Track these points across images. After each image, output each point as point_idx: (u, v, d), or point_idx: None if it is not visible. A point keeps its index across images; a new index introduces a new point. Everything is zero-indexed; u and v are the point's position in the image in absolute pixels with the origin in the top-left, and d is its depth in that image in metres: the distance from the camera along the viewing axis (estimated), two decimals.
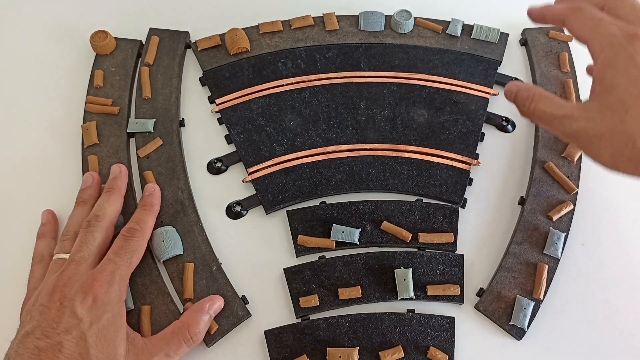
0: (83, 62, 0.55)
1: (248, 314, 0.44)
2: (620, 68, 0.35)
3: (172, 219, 0.47)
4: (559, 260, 0.46)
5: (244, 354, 0.43)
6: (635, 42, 0.35)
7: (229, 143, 0.51)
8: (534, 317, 0.44)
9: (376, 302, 0.44)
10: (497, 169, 0.51)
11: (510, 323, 0.43)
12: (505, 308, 0.44)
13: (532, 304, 0.43)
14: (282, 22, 0.56)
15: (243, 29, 0.56)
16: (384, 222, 0.47)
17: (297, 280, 0.45)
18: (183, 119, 0.52)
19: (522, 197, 0.49)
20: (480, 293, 0.45)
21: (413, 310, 0.44)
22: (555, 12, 0.40)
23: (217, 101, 0.52)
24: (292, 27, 0.56)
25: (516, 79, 0.55)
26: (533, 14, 0.43)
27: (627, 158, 0.34)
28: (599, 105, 0.35)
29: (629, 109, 0.34)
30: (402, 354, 0.42)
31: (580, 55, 0.56)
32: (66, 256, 0.42)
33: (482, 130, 0.52)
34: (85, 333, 0.37)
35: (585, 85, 0.54)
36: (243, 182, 0.49)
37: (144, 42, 0.55)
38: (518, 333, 0.43)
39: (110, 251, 0.42)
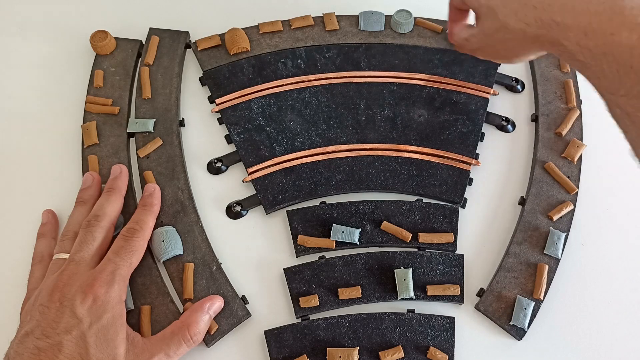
0: (83, 62, 0.55)
1: (248, 314, 0.44)
2: None
3: (172, 219, 0.47)
4: (559, 260, 0.46)
5: (244, 354, 0.43)
6: None
7: (229, 143, 0.51)
8: (534, 317, 0.44)
9: (376, 302, 0.44)
10: (497, 169, 0.51)
11: (511, 323, 0.43)
12: (506, 308, 0.44)
13: (533, 304, 0.43)
14: (282, 22, 0.56)
15: (243, 29, 0.56)
16: (384, 222, 0.46)
17: (297, 280, 0.45)
18: (183, 119, 0.52)
19: (522, 197, 0.49)
20: (481, 293, 0.45)
21: (413, 310, 0.44)
22: None
23: (217, 101, 0.52)
24: (292, 27, 0.56)
25: (516, 79, 0.55)
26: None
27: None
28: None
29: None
30: (402, 354, 0.42)
31: None
32: (66, 256, 0.42)
33: (482, 130, 0.52)
34: (85, 333, 0.37)
35: (585, 85, 0.54)
36: (243, 182, 0.49)
37: (144, 42, 0.55)
38: (518, 333, 0.43)
39: (110, 251, 0.42)
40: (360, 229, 0.46)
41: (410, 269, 0.44)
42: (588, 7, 0.34)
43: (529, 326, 0.43)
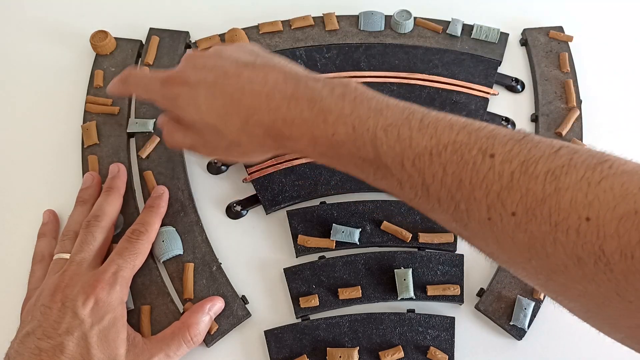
0: (83, 62, 0.55)
1: (248, 314, 0.44)
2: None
3: (172, 219, 0.47)
4: None
5: (244, 354, 0.43)
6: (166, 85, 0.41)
7: None
8: (534, 317, 0.44)
9: (376, 302, 0.44)
10: None
11: (511, 323, 0.43)
12: (506, 308, 0.44)
13: (533, 304, 0.43)
14: (282, 22, 0.56)
15: (243, 29, 0.55)
16: (384, 222, 0.46)
17: (297, 280, 0.45)
18: None
19: None
20: (481, 293, 0.45)
21: (413, 310, 0.44)
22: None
23: None
24: (292, 27, 0.56)
25: (516, 79, 0.55)
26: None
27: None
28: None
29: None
30: (402, 354, 0.42)
31: (581, 55, 0.56)
32: (67, 256, 0.42)
33: None
34: (87, 334, 0.37)
35: (585, 85, 0.54)
36: (243, 182, 0.49)
37: (144, 42, 0.55)
38: (518, 333, 0.43)
39: (114, 252, 0.42)
40: (360, 229, 0.46)
41: (410, 269, 0.44)
42: (302, 115, 0.35)
43: (529, 326, 0.43)
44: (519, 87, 0.55)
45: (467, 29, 0.56)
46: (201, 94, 0.38)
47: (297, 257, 0.46)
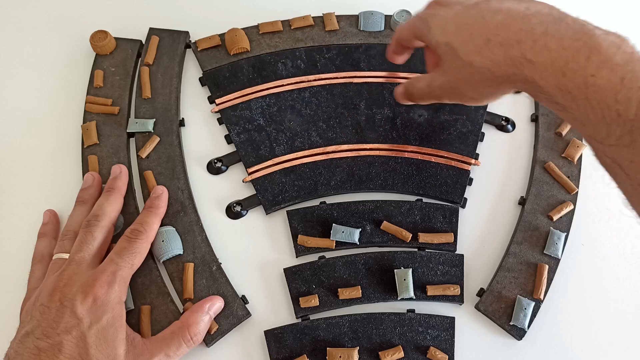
0: (83, 62, 0.55)
1: (248, 314, 0.44)
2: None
3: (172, 219, 0.47)
4: (559, 260, 0.46)
5: (244, 354, 0.43)
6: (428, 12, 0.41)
7: (229, 143, 0.51)
8: (534, 317, 0.44)
9: (376, 302, 0.44)
10: (497, 169, 0.51)
11: (511, 323, 0.43)
12: (506, 308, 0.44)
13: (533, 304, 0.43)
14: (282, 22, 0.56)
15: (243, 29, 0.56)
16: (384, 222, 0.46)
17: (297, 280, 0.45)
18: (183, 119, 0.52)
19: (522, 197, 0.49)
20: (481, 293, 0.45)
21: (413, 310, 0.44)
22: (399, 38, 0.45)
23: (217, 101, 0.52)
24: (292, 27, 0.56)
25: None
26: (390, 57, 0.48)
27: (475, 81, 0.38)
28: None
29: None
30: (402, 354, 0.42)
31: None
32: (66, 256, 0.42)
33: (482, 130, 0.52)
34: (85, 333, 0.37)
35: None
36: (243, 182, 0.49)
37: (144, 42, 0.55)
38: (518, 333, 0.43)
39: (113, 252, 0.42)
40: (360, 229, 0.46)
41: (410, 269, 0.44)
42: (562, 44, 0.32)
43: (529, 326, 0.43)
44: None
45: None
46: (454, 14, 0.38)
47: (297, 257, 0.46)
